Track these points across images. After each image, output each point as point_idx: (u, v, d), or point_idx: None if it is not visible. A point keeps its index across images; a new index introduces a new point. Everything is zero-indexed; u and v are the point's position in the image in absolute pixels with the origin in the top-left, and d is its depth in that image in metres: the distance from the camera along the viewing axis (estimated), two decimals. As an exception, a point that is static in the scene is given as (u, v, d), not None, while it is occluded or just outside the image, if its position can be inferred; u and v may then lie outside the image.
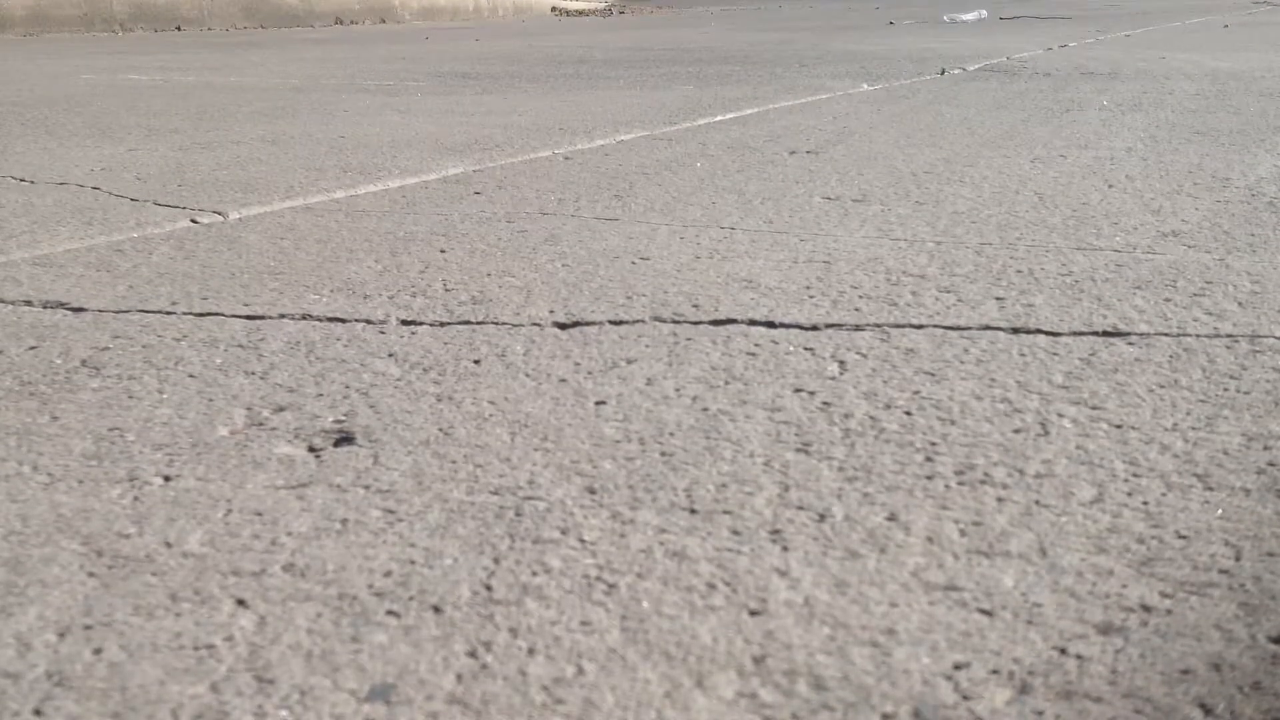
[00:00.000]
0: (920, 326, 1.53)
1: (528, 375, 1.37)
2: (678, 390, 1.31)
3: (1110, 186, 2.47)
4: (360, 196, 2.47)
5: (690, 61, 6.12)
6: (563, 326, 1.55)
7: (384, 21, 12.69)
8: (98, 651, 0.83)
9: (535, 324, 1.57)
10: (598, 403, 1.28)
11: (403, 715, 0.75)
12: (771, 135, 3.31)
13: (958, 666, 0.79)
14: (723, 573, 0.92)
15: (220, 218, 2.25)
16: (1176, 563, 0.92)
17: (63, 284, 1.78)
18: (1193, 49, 6.60)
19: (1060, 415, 1.22)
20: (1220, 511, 1.01)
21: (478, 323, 1.58)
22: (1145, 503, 1.02)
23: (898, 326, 1.53)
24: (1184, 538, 0.96)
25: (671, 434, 1.19)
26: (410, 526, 1.00)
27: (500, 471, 1.11)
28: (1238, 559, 0.93)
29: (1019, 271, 1.79)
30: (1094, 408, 1.24)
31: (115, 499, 1.06)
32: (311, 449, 1.17)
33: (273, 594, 0.90)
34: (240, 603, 0.89)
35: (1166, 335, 1.48)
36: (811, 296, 1.67)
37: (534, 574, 0.92)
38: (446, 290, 1.73)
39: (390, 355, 1.45)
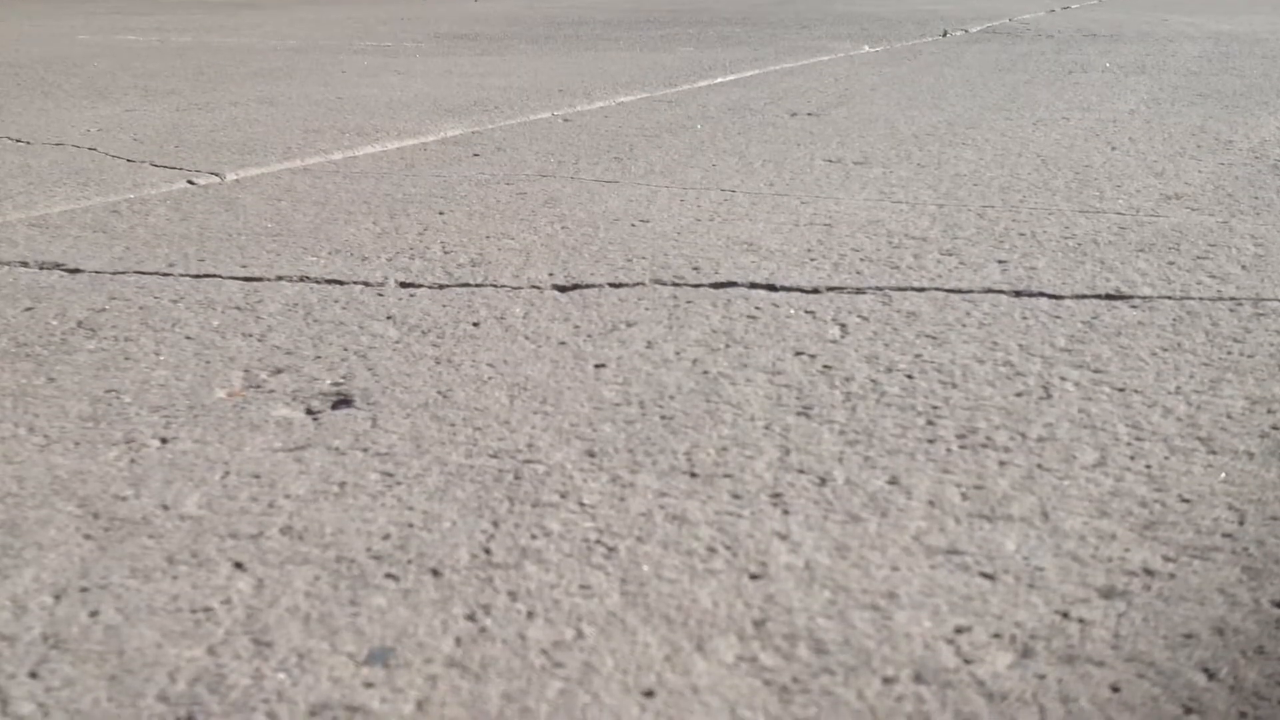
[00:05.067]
0: (922, 289, 1.52)
1: (527, 338, 1.37)
2: (678, 353, 1.31)
3: (1113, 149, 2.45)
4: (358, 158, 2.45)
5: (690, 23, 6.07)
6: (562, 289, 1.54)
7: (382, -18, 12.56)
8: (94, 614, 0.82)
9: (534, 286, 1.56)
10: (597, 366, 1.28)
11: (401, 678, 0.75)
12: (772, 97, 3.29)
13: (959, 630, 0.79)
14: (723, 536, 0.92)
15: (217, 179, 2.24)
16: (1179, 526, 0.92)
17: (59, 245, 1.77)
18: (1195, 11, 6.55)
19: (1063, 379, 1.22)
20: (1223, 475, 1.00)
21: (476, 285, 1.57)
22: (1148, 466, 1.02)
23: (899, 289, 1.52)
24: (1187, 501, 0.96)
25: (671, 397, 1.19)
26: (409, 489, 1.00)
27: (499, 434, 1.11)
28: (1241, 523, 0.92)
29: (1021, 234, 1.77)
30: (1096, 371, 1.24)
31: (112, 461, 1.06)
32: (309, 411, 1.17)
33: (270, 557, 0.89)
34: (238, 565, 0.88)
35: (1169, 298, 1.47)
36: (813, 259, 1.66)
37: (533, 537, 0.92)
38: (445, 252, 1.72)
39: (389, 317, 1.44)
